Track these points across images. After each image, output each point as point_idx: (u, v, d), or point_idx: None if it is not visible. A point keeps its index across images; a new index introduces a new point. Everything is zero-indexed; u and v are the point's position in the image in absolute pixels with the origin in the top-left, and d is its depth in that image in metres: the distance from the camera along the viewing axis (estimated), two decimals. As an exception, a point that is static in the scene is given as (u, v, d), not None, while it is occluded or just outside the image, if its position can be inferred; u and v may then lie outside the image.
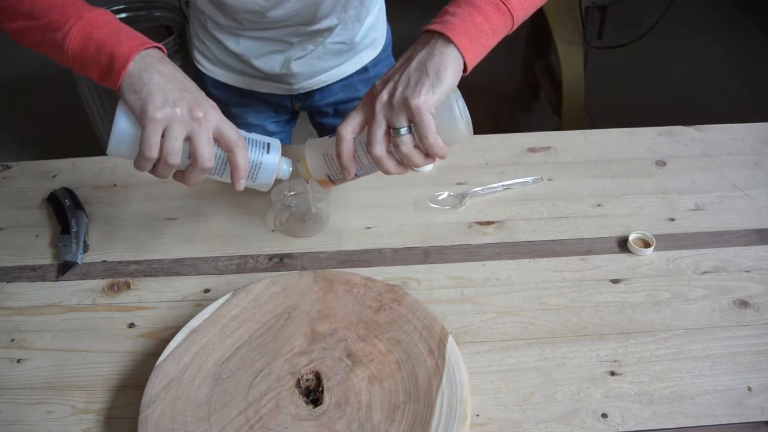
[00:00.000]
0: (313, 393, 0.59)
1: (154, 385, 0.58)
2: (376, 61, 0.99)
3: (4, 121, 2.49)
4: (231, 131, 0.63)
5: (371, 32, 0.95)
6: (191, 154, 0.61)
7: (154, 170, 0.62)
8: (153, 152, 0.59)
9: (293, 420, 0.56)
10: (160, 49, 0.64)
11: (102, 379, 0.63)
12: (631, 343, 0.64)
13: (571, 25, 1.95)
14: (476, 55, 0.64)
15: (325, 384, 0.58)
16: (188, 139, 0.61)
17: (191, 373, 0.59)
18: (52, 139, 2.39)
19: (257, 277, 0.71)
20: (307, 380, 0.59)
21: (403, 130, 0.60)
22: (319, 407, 0.57)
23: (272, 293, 0.67)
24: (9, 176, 0.89)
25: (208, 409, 0.57)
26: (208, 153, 0.61)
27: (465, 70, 0.63)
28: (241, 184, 0.64)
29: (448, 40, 0.61)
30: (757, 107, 2.28)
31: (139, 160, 0.61)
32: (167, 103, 0.59)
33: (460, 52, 0.61)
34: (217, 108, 0.64)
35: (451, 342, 0.61)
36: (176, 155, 0.60)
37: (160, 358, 0.60)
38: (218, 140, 0.63)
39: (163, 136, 0.59)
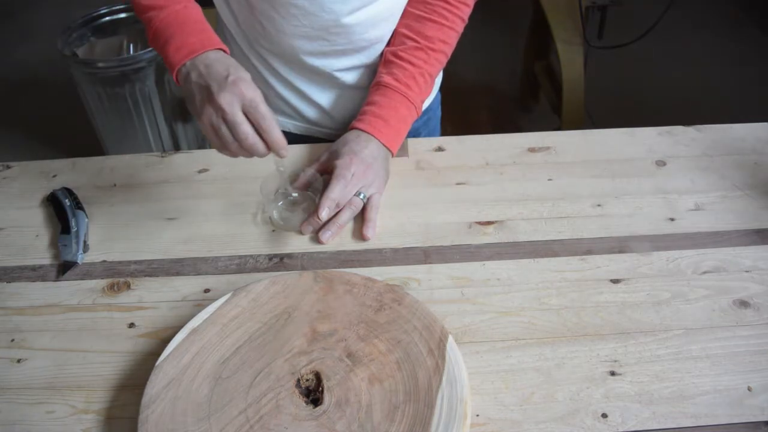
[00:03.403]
0: (313, 393, 0.59)
1: (154, 385, 0.58)
2: None
3: (4, 121, 2.49)
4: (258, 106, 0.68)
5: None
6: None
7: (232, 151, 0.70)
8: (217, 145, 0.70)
9: (293, 420, 0.56)
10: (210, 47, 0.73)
11: (102, 379, 0.63)
12: (631, 343, 0.64)
13: (571, 25, 1.95)
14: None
15: (325, 384, 0.58)
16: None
17: (191, 373, 0.59)
18: (52, 139, 2.39)
19: (257, 277, 0.71)
20: (307, 380, 0.59)
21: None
22: (319, 407, 0.57)
23: (272, 293, 0.67)
24: (9, 176, 0.89)
25: (208, 409, 0.57)
26: (242, 132, 0.67)
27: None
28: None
29: (391, 153, 0.84)
30: (757, 107, 2.29)
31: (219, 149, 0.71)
32: (199, 108, 0.69)
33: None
34: (240, 79, 0.68)
35: (451, 342, 0.61)
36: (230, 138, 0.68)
37: (160, 358, 0.60)
38: (248, 114, 0.67)
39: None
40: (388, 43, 0.88)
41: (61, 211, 0.80)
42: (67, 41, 1.95)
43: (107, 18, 2.04)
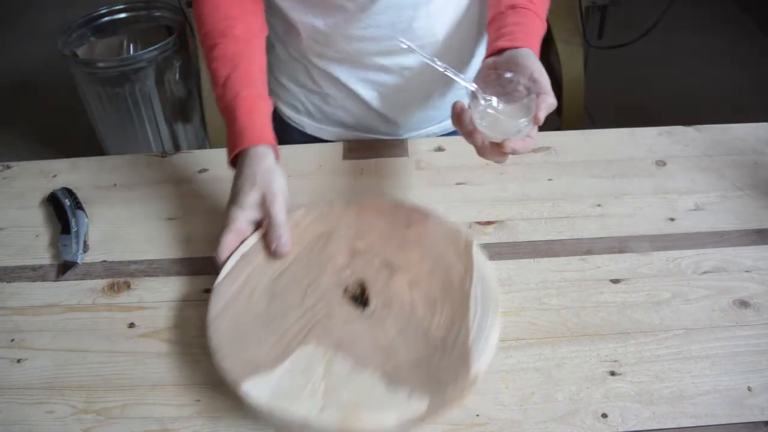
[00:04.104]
0: (359, 299, 0.64)
1: (215, 304, 0.62)
2: None
3: (4, 121, 2.49)
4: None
5: None
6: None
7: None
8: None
9: (346, 322, 0.61)
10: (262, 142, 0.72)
11: (102, 379, 0.63)
12: (631, 343, 0.64)
13: (571, 25, 1.95)
14: None
15: (370, 290, 0.63)
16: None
17: (247, 291, 0.64)
18: (52, 139, 2.39)
19: (257, 277, 0.71)
20: (354, 289, 0.64)
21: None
22: (367, 309, 0.62)
23: (311, 219, 0.71)
24: (9, 176, 0.89)
25: (268, 319, 0.61)
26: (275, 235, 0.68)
27: None
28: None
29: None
30: (757, 107, 2.28)
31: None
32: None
33: None
34: (269, 187, 0.69)
35: (476, 247, 0.66)
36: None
37: (217, 280, 0.65)
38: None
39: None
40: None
41: (61, 211, 0.80)
42: (67, 41, 1.95)
43: (107, 18, 2.04)
